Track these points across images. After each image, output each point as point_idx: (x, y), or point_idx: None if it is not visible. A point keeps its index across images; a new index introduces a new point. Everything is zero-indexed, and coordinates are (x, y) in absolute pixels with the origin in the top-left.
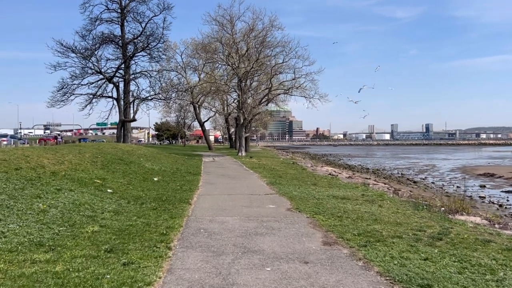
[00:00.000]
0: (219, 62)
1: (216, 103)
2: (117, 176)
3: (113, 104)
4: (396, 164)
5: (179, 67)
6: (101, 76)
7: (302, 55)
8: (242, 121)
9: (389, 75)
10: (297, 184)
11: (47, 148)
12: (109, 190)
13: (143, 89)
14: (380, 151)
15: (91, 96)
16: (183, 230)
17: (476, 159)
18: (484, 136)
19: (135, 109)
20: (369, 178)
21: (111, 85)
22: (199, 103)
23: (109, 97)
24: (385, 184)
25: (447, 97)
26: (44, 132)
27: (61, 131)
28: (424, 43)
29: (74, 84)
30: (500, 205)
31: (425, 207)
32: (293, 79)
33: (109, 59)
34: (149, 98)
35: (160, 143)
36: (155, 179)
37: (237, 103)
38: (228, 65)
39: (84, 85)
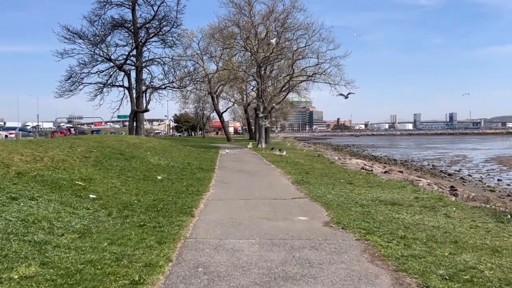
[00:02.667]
0: (237, 48)
1: (234, 93)
2: (110, 175)
3: (124, 93)
4: (424, 155)
5: (196, 55)
6: (111, 64)
7: (327, 37)
8: (261, 110)
9: (412, 64)
10: (330, 183)
11: (30, 142)
12: (91, 196)
13: (155, 77)
14: (404, 141)
15: (101, 85)
16: (170, 270)
17: (507, 149)
18: (510, 125)
19: (147, 98)
20: (410, 174)
21: (122, 74)
22: (217, 93)
23: (120, 86)
24: (432, 182)
25: (472, 85)
26: (62, 125)
27: (82, 124)
28: (448, 31)
29: (83, 72)
30: None
31: (510, 218)
32: (317, 65)
33: (118, 45)
34: (163, 86)
35: (179, 135)
36: (159, 177)
37: (256, 91)
38: (247, 50)
39: (94, 73)
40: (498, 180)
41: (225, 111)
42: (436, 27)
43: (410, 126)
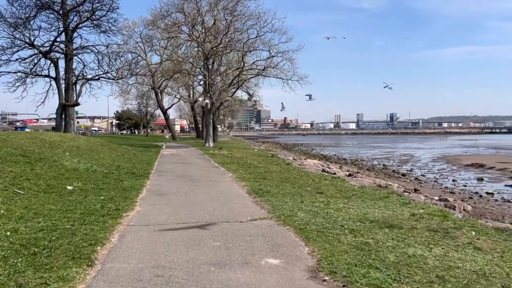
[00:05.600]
0: (182, 38)
1: (180, 88)
2: None
3: (51, 85)
4: (372, 153)
5: (138, 47)
6: (35, 51)
7: (279, 28)
8: (209, 106)
9: (356, 66)
10: (295, 193)
11: None
12: None
13: (86, 65)
14: (349, 140)
15: (23, 74)
16: None
17: (450, 148)
18: (445, 125)
19: (78, 91)
20: (377, 177)
21: (49, 62)
22: (161, 88)
23: (46, 76)
24: (400, 186)
25: (411, 87)
26: None
27: (17, 121)
28: (389, 34)
29: (1, 60)
30: None
31: None
32: (268, 58)
33: (42, 28)
34: (96, 77)
35: (121, 133)
36: (69, 188)
37: (203, 86)
38: (193, 40)
39: (14, 61)
40: (453, 180)
41: (169, 107)
42: (378, 30)
43: (353, 126)
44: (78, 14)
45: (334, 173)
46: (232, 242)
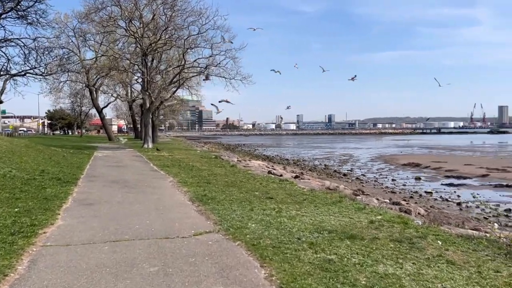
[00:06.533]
0: (118, 33)
1: (117, 86)
2: None
3: None
4: (312, 154)
5: (71, 42)
6: None
7: (222, 26)
8: (148, 105)
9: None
10: (243, 199)
11: None
12: None
13: (10, 59)
14: (290, 141)
15: None
16: None
17: (386, 148)
18: (380, 126)
19: (1, 87)
20: (324, 179)
21: None
22: (96, 86)
23: None
24: (348, 187)
25: (348, 89)
26: None
27: None
28: (327, 37)
29: None
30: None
31: None
32: (210, 56)
33: None
34: (22, 73)
35: (53, 134)
36: None
37: (141, 83)
38: (131, 35)
39: None
40: (393, 180)
41: (105, 106)
42: (316, 33)
43: (293, 126)
44: (1, 3)
45: (281, 175)
46: (172, 265)
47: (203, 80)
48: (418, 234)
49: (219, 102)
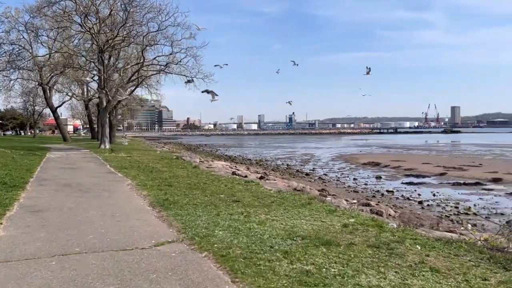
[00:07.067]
0: (74, 29)
1: (72, 85)
2: None
3: None
4: (274, 153)
5: (22, 38)
6: None
7: (183, 22)
8: (105, 104)
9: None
10: (208, 202)
11: None
12: None
13: None
14: (252, 141)
15: None
16: None
17: (346, 147)
18: (339, 125)
19: None
20: (290, 180)
21: None
22: (49, 85)
23: None
24: (313, 188)
25: (307, 89)
26: None
27: None
28: (287, 38)
29: None
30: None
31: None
32: (171, 54)
33: None
34: None
35: (4, 134)
36: None
37: (98, 81)
38: (86, 31)
39: None
40: (354, 179)
41: (59, 106)
42: (276, 34)
43: (255, 126)
44: None
45: (246, 176)
46: (130, 284)
47: (185, 82)
48: (395, 238)
49: (202, 92)
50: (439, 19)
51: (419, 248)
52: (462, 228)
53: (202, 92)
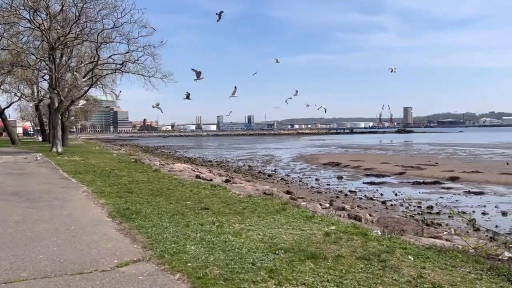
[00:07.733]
0: (22, 25)
1: (21, 85)
2: None
3: None
4: (235, 155)
5: None
6: None
7: (140, 19)
8: (56, 105)
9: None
10: (175, 212)
11: None
12: None
13: None
14: (211, 142)
15: None
16: None
17: (305, 148)
18: (297, 126)
19: None
20: (256, 183)
21: None
22: None
23: None
24: (280, 190)
25: (265, 91)
26: None
27: None
28: (245, 39)
29: None
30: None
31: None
32: (127, 52)
33: None
34: None
35: None
36: None
37: (49, 81)
38: (36, 28)
39: None
40: (316, 179)
41: (7, 107)
42: (235, 35)
43: (214, 127)
44: None
45: (211, 180)
46: None
47: (183, 98)
48: (384, 248)
49: (191, 69)
50: (390, 22)
51: (412, 259)
52: (445, 233)
53: (192, 69)
